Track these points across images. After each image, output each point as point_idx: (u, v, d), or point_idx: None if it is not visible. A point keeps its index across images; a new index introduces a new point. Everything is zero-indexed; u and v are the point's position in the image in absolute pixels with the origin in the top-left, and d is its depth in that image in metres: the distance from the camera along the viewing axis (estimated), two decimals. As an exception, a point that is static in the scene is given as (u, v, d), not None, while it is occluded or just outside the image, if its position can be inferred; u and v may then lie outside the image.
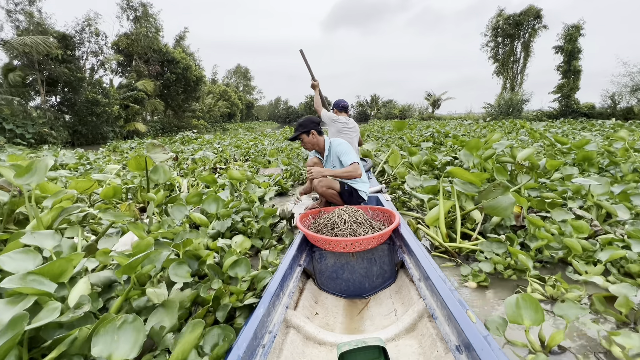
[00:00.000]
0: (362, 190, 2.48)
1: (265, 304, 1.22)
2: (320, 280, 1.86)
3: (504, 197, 2.23)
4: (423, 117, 31.64)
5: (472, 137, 8.26)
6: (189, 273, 1.45)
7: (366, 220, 1.89)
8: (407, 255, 1.71)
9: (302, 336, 1.35)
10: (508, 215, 2.24)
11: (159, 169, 3.10)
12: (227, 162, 6.97)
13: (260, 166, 5.38)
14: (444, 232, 2.33)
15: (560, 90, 21.34)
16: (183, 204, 2.79)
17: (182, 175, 4.49)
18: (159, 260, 1.34)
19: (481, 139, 5.89)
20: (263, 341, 1.13)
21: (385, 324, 1.48)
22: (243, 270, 1.65)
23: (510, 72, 26.89)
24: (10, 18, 14.17)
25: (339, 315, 1.63)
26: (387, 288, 1.80)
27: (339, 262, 1.82)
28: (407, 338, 1.31)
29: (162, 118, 26.08)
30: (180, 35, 27.85)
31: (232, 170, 3.21)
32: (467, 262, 2.20)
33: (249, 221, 2.66)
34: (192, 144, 11.75)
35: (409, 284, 1.66)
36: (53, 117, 15.53)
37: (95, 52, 17.55)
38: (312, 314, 1.60)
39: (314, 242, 1.79)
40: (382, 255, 1.84)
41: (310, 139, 2.50)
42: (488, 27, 26.64)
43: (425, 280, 1.40)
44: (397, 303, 1.63)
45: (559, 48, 21.22)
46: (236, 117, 45.16)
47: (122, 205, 2.56)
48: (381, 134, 11.91)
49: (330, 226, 1.86)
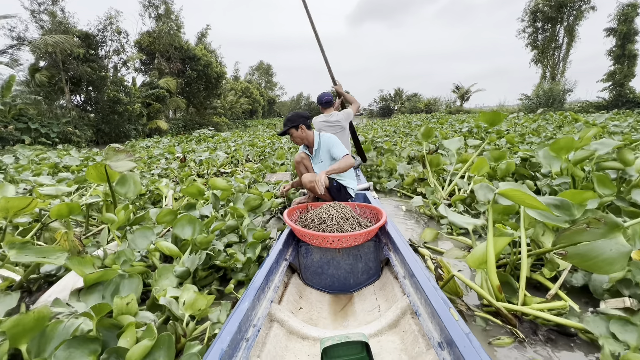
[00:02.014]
0: (351, 187, 2.49)
1: (250, 297, 1.21)
2: (306, 275, 1.86)
3: (607, 241, 1.31)
4: (451, 111, 29.86)
5: (516, 132, 7.12)
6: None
7: (353, 217, 1.88)
8: (392, 253, 1.71)
9: (286, 330, 1.35)
10: (616, 270, 1.31)
11: (127, 179, 2.47)
12: (239, 163, 6.37)
13: (267, 170, 4.73)
14: (494, 283, 1.51)
15: (611, 77, 19.04)
16: (150, 227, 2.13)
17: (177, 182, 3.89)
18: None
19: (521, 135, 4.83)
20: (247, 335, 1.13)
21: (369, 319, 1.49)
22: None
23: (550, 60, 24.52)
24: (35, 18, 14.40)
25: (323, 311, 1.64)
26: (371, 284, 1.81)
27: (325, 258, 1.82)
28: (389, 334, 1.33)
29: (184, 115, 26.25)
30: (202, 32, 27.81)
31: (215, 179, 2.52)
32: (536, 336, 1.36)
33: (232, 253, 1.96)
34: (208, 142, 11.34)
35: (393, 281, 1.67)
36: (77, 116, 15.77)
37: (117, 50, 17.65)
38: (296, 308, 1.60)
39: (301, 236, 1.78)
40: (367, 252, 1.84)
41: (300, 133, 2.48)
42: (526, 12, 24.36)
43: (410, 277, 1.40)
44: (380, 299, 1.64)
45: (611, 30, 18.88)
46: (258, 113, 45.11)
47: (57, 234, 1.94)
48: (409, 129, 10.89)
49: (317, 221, 1.85)
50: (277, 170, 4.63)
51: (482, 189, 2.15)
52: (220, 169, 4.99)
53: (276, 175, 4.21)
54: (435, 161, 3.54)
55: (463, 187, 3.00)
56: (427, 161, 3.54)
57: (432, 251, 2.28)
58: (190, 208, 2.63)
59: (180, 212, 2.82)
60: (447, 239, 2.44)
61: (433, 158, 3.59)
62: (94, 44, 15.93)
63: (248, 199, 2.52)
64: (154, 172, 4.65)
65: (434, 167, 3.59)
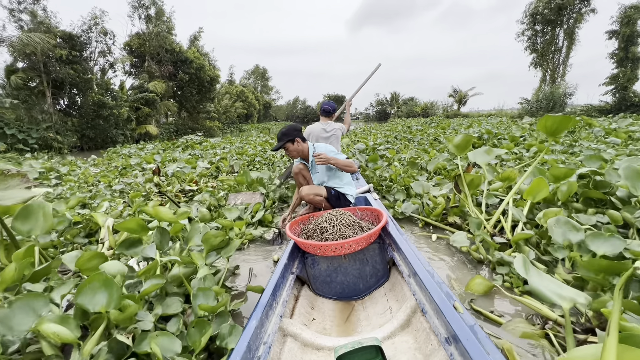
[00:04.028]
0: (349, 194, 2.47)
1: (258, 316, 1.20)
2: (315, 285, 1.83)
3: None
4: (448, 115, 29.32)
5: (535, 138, 6.43)
6: None
7: (355, 222, 1.86)
8: (396, 253, 1.70)
9: (300, 343, 1.34)
10: None
11: (33, 211, 1.71)
12: (220, 174, 5.60)
13: (228, 190, 3.73)
14: None
15: (614, 80, 18.55)
16: (41, 295, 1.37)
17: (129, 204, 3.10)
18: None
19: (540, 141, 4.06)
20: (258, 353, 1.11)
21: (381, 322, 1.47)
22: None
23: (550, 63, 24.10)
24: (14, 18, 13.56)
25: (336, 319, 1.62)
26: (381, 286, 1.79)
27: (332, 266, 1.80)
28: (402, 334, 1.32)
29: (176, 120, 25.42)
30: (195, 35, 27.10)
31: (158, 208, 1.75)
32: None
33: (161, 336, 1.20)
34: (195, 148, 10.54)
35: (401, 280, 1.65)
36: (60, 121, 14.91)
37: (104, 52, 16.85)
38: (309, 320, 1.57)
39: (305, 248, 1.77)
40: (373, 254, 1.82)
41: (296, 146, 2.46)
42: (525, 14, 23.96)
43: (414, 276, 1.40)
44: (391, 300, 1.62)
45: (613, 33, 18.44)
46: (253, 117, 44.32)
47: None
48: (410, 134, 10.19)
49: (320, 231, 1.83)
50: (241, 190, 3.70)
51: (561, 226, 1.43)
52: (188, 185, 4.10)
53: (242, 197, 3.30)
54: (476, 182, 2.59)
55: (519, 219, 2.20)
56: (465, 182, 2.61)
57: (484, 318, 1.54)
58: (132, 246, 1.87)
59: (115, 253, 2.05)
60: (506, 297, 1.69)
61: (475, 178, 2.58)
62: (77, 45, 15.12)
63: (207, 236, 1.76)
64: (116, 188, 3.87)
65: (473, 189, 2.62)
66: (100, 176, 5.14)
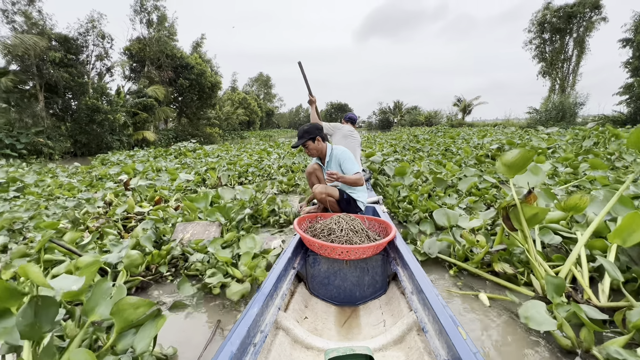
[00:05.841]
0: (361, 201, 2.45)
1: (260, 303, 1.19)
2: (312, 284, 1.83)
3: None
4: (452, 124, 28.64)
5: (572, 151, 5.69)
6: None
7: (363, 230, 1.83)
8: (400, 268, 1.65)
9: (291, 339, 1.34)
10: None
11: None
12: (200, 189, 4.90)
13: (181, 218, 2.81)
14: None
15: (629, 90, 17.85)
16: None
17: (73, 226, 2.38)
18: None
19: None
20: (255, 340, 1.11)
21: (373, 334, 1.46)
22: None
23: (559, 72, 23.48)
24: (7, 19, 13.13)
25: (328, 322, 1.60)
26: (377, 298, 1.76)
27: (332, 269, 1.78)
28: (394, 350, 1.29)
29: (176, 126, 24.91)
30: (198, 42, 26.80)
31: (26, 266, 1.02)
32: None
33: None
34: (187, 156, 9.88)
35: (400, 296, 1.63)
36: (52, 126, 14.36)
37: (101, 55, 16.39)
38: (301, 317, 1.57)
39: (310, 246, 1.75)
40: (375, 265, 1.78)
41: (316, 145, 2.48)
42: (533, 22, 23.47)
43: (418, 293, 1.36)
44: (386, 314, 1.59)
45: (627, 41, 17.82)
46: (255, 124, 43.89)
47: None
48: (418, 144, 9.48)
49: (327, 232, 1.81)
50: (192, 220, 2.73)
51: None
52: (141, 204, 3.26)
53: (192, 227, 2.49)
54: (540, 216, 1.73)
55: (615, 277, 1.43)
56: (523, 216, 1.75)
57: None
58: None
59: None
60: None
61: (540, 212, 1.72)
62: (73, 48, 14.65)
63: (121, 305, 1.03)
64: (68, 205, 3.15)
65: (532, 225, 1.78)
66: (65, 189, 4.45)
